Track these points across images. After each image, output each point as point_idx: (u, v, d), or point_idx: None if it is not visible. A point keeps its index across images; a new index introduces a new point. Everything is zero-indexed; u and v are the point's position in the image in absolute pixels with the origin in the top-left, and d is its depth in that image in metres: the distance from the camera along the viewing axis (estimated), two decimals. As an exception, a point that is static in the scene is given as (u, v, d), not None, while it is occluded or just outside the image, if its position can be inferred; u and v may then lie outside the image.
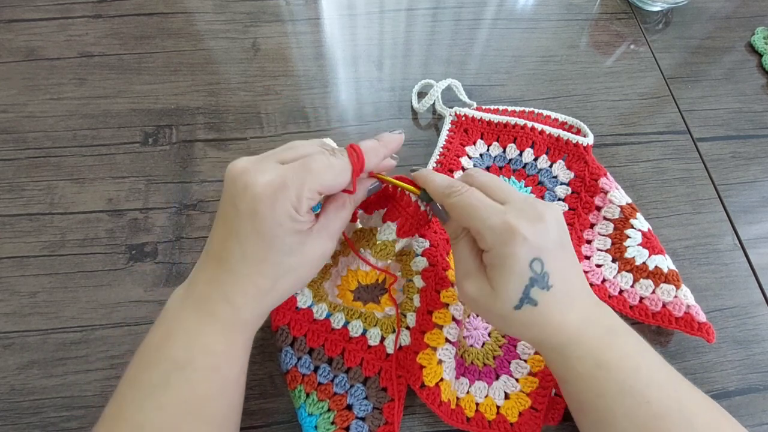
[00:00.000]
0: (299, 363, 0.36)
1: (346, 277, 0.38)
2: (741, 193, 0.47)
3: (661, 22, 0.59)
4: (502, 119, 0.46)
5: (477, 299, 0.29)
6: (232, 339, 0.28)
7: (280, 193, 0.25)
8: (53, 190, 0.44)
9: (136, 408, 0.26)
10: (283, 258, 0.27)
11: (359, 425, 0.34)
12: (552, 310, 0.28)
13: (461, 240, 0.30)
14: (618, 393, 0.28)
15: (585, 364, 0.28)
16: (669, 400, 0.28)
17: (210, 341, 0.27)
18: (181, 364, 0.26)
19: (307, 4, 0.58)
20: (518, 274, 0.27)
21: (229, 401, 0.29)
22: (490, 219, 0.27)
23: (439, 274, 0.37)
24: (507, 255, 0.27)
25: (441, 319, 0.36)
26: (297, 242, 0.27)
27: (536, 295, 0.27)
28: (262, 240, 0.26)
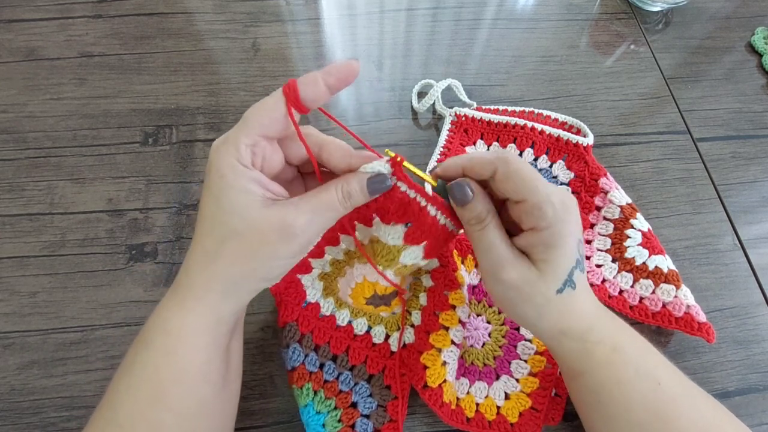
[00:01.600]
0: (306, 360, 0.36)
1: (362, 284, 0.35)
2: (741, 193, 0.47)
3: (661, 22, 0.59)
4: (502, 119, 0.46)
5: (521, 287, 0.27)
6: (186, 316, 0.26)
7: (221, 146, 0.25)
8: (53, 190, 0.44)
9: (113, 389, 0.27)
10: (227, 216, 0.25)
11: (364, 423, 0.35)
12: (582, 294, 0.28)
13: (489, 225, 0.28)
14: (634, 376, 0.28)
15: (603, 349, 0.29)
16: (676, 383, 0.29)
17: (166, 317, 0.27)
18: (145, 343, 0.27)
19: (307, 4, 0.58)
20: (570, 254, 0.27)
21: (193, 393, 0.27)
22: (553, 195, 0.26)
23: (448, 275, 0.37)
24: (564, 233, 0.26)
25: (448, 321, 0.36)
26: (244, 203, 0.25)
27: (576, 277, 0.27)
28: (210, 196, 0.25)
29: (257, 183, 0.25)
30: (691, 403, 0.29)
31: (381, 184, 0.27)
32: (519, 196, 0.27)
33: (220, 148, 0.25)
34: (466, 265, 0.41)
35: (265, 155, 0.26)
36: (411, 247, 0.30)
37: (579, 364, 0.30)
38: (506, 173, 0.27)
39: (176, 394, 0.26)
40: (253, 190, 0.25)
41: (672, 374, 0.30)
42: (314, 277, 0.38)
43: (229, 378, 0.29)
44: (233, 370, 0.30)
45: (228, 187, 0.25)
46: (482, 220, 0.28)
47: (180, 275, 0.27)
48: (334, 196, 0.26)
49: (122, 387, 0.26)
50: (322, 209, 0.26)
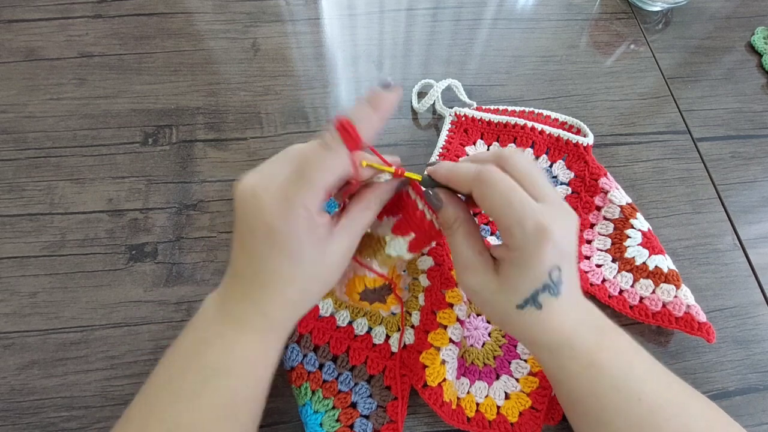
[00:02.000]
0: (305, 360, 0.36)
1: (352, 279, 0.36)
2: (741, 193, 0.47)
3: (661, 22, 0.59)
4: (502, 119, 0.46)
5: (479, 292, 0.28)
6: (268, 346, 0.29)
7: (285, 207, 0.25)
8: (53, 190, 0.44)
9: (171, 410, 0.27)
10: (308, 268, 0.27)
11: (363, 423, 0.35)
12: (553, 314, 0.27)
13: (458, 231, 0.29)
14: (610, 390, 0.28)
15: (577, 363, 0.28)
16: (661, 395, 0.28)
17: (248, 349, 0.28)
18: (220, 370, 0.27)
19: (307, 4, 0.58)
20: (534, 279, 0.26)
21: (261, 402, 0.30)
22: (525, 218, 0.25)
23: (444, 273, 0.37)
24: (531, 258, 0.26)
25: (445, 320, 0.36)
26: (318, 250, 0.26)
27: (543, 300, 0.27)
28: (285, 256, 0.26)
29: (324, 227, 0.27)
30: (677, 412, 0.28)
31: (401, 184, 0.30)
32: (493, 216, 0.27)
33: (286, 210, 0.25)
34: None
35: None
36: (397, 239, 0.31)
37: (552, 372, 0.30)
38: (480, 194, 0.27)
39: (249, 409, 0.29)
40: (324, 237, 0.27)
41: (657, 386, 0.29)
42: None
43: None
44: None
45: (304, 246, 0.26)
46: (449, 226, 0.29)
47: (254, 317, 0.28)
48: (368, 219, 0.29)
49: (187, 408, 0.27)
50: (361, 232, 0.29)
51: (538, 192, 0.27)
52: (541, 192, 0.27)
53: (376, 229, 0.32)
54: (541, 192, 0.27)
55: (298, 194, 0.25)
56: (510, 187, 0.26)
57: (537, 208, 0.26)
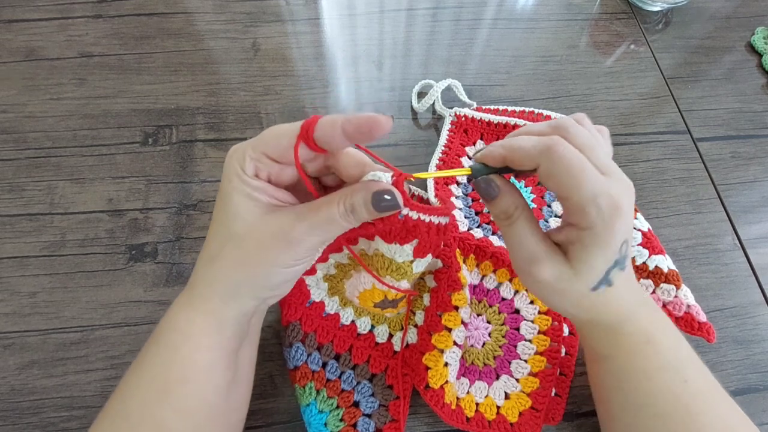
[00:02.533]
0: (309, 359, 0.36)
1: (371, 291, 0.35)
2: (741, 193, 0.47)
3: (661, 22, 0.59)
4: (502, 119, 0.46)
5: (554, 283, 0.27)
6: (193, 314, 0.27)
7: (233, 153, 0.26)
8: (53, 190, 0.44)
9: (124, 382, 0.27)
10: (230, 220, 0.26)
11: (366, 422, 0.35)
12: (621, 290, 0.27)
13: (519, 220, 0.27)
14: (662, 369, 0.28)
15: (636, 340, 0.28)
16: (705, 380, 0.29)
17: (175, 314, 0.28)
18: (155, 339, 0.27)
19: (307, 4, 0.58)
20: (609, 255, 0.25)
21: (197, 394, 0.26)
22: (600, 195, 0.24)
23: (451, 275, 0.37)
24: (606, 235, 0.25)
25: (451, 322, 0.36)
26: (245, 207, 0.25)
27: (614, 275, 0.26)
28: (219, 199, 0.26)
29: (260, 191, 0.26)
30: (714, 401, 0.29)
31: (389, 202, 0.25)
32: (563, 194, 0.25)
33: (232, 155, 0.26)
34: (467, 264, 0.41)
35: (272, 170, 0.26)
36: (421, 260, 0.30)
37: (606, 349, 0.30)
38: (549, 171, 0.25)
39: (181, 394, 0.26)
40: (255, 197, 0.25)
41: (699, 371, 0.30)
42: (319, 278, 0.38)
43: (236, 385, 0.29)
44: (242, 378, 0.30)
45: (233, 191, 0.25)
46: (510, 215, 0.27)
47: (192, 275, 0.28)
48: (335, 209, 0.25)
49: (132, 381, 0.27)
50: (321, 221, 0.25)
51: (602, 164, 0.25)
52: (604, 164, 0.25)
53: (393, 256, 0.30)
54: (604, 164, 0.25)
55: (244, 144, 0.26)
56: (581, 163, 0.25)
57: (606, 183, 0.25)
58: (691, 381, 0.28)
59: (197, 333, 0.27)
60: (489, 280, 0.40)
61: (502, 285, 0.40)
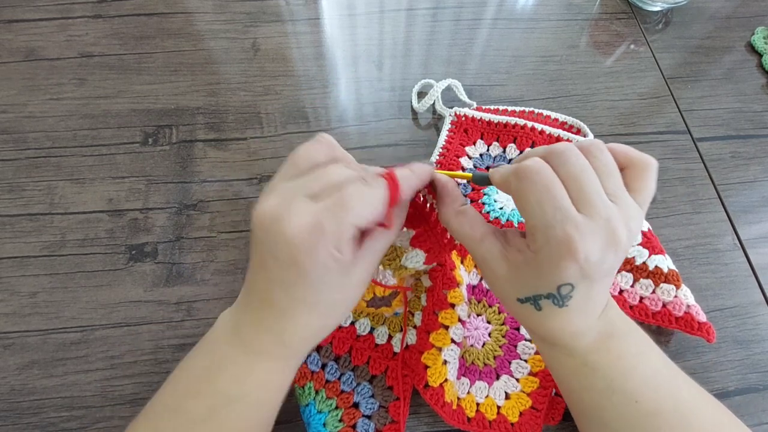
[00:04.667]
0: (308, 360, 0.37)
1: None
2: (741, 193, 0.47)
3: (661, 22, 0.59)
4: (502, 119, 0.46)
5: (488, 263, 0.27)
6: (284, 372, 0.28)
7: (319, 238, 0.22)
8: (53, 190, 0.44)
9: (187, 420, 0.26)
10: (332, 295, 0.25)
11: (365, 423, 0.35)
12: (553, 320, 0.26)
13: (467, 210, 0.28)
14: (605, 389, 0.28)
15: (573, 362, 0.28)
16: (663, 400, 0.28)
17: (263, 376, 0.27)
18: (233, 398, 0.26)
19: (307, 4, 0.58)
20: (540, 285, 0.25)
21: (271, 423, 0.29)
22: (553, 226, 0.23)
23: (446, 274, 0.37)
24: (545, 268, 0.24)
25: (447, 320, 0.36)
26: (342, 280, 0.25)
27: (545, 305, 0.25)
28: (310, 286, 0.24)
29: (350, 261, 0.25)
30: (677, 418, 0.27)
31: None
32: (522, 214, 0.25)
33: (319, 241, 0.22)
34: (465, 264, 0.41)
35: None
36: (415, 251, 0.31)
37: (547, 361, 0.30)
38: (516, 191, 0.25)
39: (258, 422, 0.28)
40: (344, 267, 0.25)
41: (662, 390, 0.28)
42: None
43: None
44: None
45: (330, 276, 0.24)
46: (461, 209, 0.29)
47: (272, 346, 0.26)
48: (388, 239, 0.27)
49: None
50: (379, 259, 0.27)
51: (585, 200, 0.23)
52: (587, 201, 0.23)
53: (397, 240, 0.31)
54: (587, 201, 0.23)
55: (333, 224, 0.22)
56: (546, 187, 0.23)
57: (572, 217, 0.22)
58: (645, 402, 0.27)
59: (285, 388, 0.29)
60: (489, 280, 0.40)
61: (502, 285, 0.40)
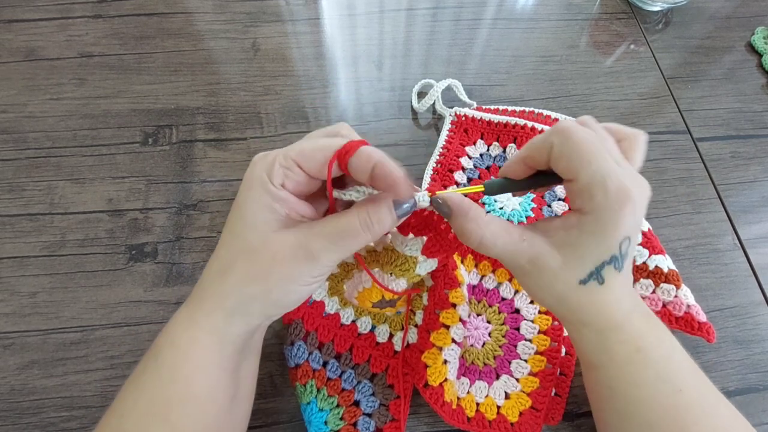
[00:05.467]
0: (311, 357, 0.36)
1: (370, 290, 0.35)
2: (741, 193, 0.47)
3: (661, 22, 0.59)
4: (502, 119, 0.46)
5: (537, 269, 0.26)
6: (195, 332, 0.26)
7: (258, 160, 0.25)
8: (53, 190, 0.44)
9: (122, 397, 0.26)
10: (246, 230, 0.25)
11: (366, 421, 0.35)
12: (612, 292, 0.26)
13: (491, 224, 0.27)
14: (653, 380, 0.27)
15: (626, 349, 0.27)
16: (700, 390, 0.28)
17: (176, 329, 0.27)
18: (155, 355, 0.26)
19: (307, 4, 0.58)
20: (605, 248, 0.24)
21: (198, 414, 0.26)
22: (609, 177, 0.23)
23: (448, 273, 0.37)
24: (609, 223, 0.23)
25: (448, 319, 0.36)
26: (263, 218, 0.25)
27: (607, 274, 0.25)
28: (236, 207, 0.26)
29: (283, 202, 0.25)
30: (710, 411, 0.28)
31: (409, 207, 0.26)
32: (571, 174, 0.24)
33: (257, 162, 0.25)
34: (465, 264, 0.41)
35: (299, 180, 0.25)
36: (428, 260, 0.31)
37: (596, 357, 0.29)
38: (560, 150, 0.24)
39: (181, 414, 0.25)
40: (276, 208, 0.25)
41: (695, 380, 0.29)
42: None
43: (237, 401, 0.28)
44: (243, 393, 0.29)
45: (252, 200, 0.25)
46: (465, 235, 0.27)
47: (195, 287, 0.27)
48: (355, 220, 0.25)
49: (130, 397, 0.26)
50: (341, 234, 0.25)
51: (616, 155, 0.25)
52: (618, 156, 0.25)
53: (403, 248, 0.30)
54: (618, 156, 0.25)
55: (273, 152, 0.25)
56: (593, 142, 0.24)
57: (619, 169, 0.24)
58: (686, 391, 0.27)
59: (199, 352, 0.26)
60: (488, 280, 0.40)
61: (502, 285, 0.40)
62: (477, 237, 0.26)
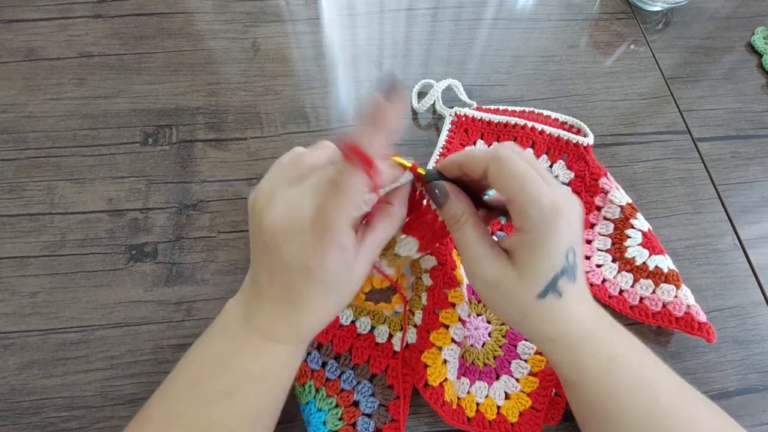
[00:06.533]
0: (309, 358, 0.37)
1: None
2: (741, 193, 0.47)
3: (661, 22, 0.59)
4: (502, 119, 0.46)
5: (497, 286, 0.27)
6: (295, 354, 0.30)
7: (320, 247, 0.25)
8: (53, 190, 0.44)
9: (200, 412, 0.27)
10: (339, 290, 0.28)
11: (365, 422, 0.35)
12: (573, 303, 0.27)
13: (467, 224, 0.28)
14: (629, 388, 0.28)
15: (597, 360, 0.28)
16: (676, 396, 0.28)
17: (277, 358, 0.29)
18: (253, 375, 0.28)
19: (307, 4, 0.58)
20: (552, 260, 0.26)
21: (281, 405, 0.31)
22: (541, 196, 0.25)
23: (447, 273, 0.37)
24: (548, 237, 0.25)
25: (448, 319, 0.36)
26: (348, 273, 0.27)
27: (563, 285, 0.26)
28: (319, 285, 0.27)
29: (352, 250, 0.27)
30: (689, 416, 0.28)
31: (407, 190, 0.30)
32: (508, 195, 0.26)
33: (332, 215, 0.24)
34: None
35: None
36: (408, 238, 0.31)
37: (571, 374, 0.29)
38: (496, 172, 0.26)
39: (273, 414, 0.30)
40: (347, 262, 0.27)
41: (670, 384, 0.29)
42: None
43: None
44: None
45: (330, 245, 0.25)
46: (458, 220, 0.28)
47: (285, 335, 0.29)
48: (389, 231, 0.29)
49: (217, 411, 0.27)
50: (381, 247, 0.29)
51: (545, 177, 0.27)
52: (547, 178, 0.27)
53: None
54: (547, 178, 0.27)
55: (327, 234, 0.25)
56: (525, 168, 0.26)
57: (548, 189, 0.26)
58: (663, 397, 0.28)
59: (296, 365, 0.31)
60: (489, 280, 0.40)
61: (502, 285, 0.40)
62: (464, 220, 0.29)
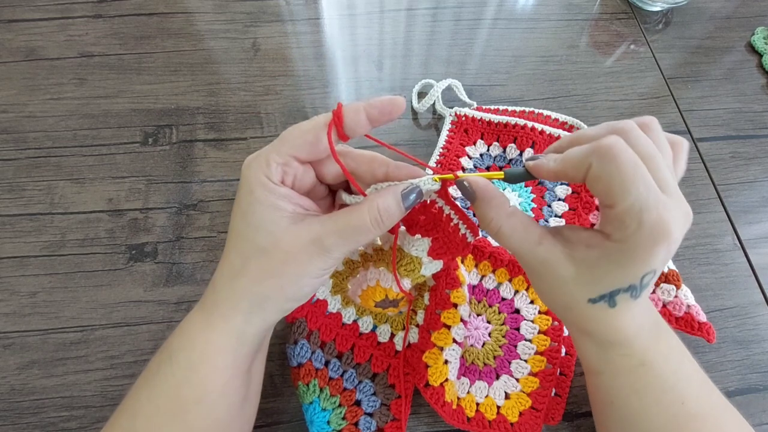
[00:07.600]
0: (312, 357, 0.36)
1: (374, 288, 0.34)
2: (741, 193, 0.47)
3: (661, 22, 0.59)
4: (502, 119, 0.46)
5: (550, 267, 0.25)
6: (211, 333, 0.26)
7: (252, 162, 0.25)
8: (53, 190, 0.44)
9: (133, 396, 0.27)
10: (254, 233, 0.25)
11: (367, 421, 0.35)
12: (624, 315, 0.25)
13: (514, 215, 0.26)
14: (657, 390, 0.27)
15: (628, 361, 0.27)
16: (703, 402, 0.28)
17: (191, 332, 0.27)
18: (169, 356, 0.26)
19: (307, 4, 0.58)
20: (624, 278, 0.23)
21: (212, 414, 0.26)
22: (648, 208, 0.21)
23: (449, 274, 0.37)
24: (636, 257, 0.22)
25: (449, 320, 0.36)
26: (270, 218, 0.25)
27: (621, 300, 0.24)
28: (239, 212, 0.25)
29: (286, 199, 0.25)
30: (713, 422, 0.28)
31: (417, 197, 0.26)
32: (608, 200, 0.22)
33: (251, 164, 0.25)
34: (465, 264, 0.41)
35: (297, 174, 0.26)
36: (434, 261, 0.30)
37: (596, 364, 0.29)
38: (598, 172, 0.22)
39: (195, 414, 0.26)
40: (281, 206, 0.25)
41: (702, 392, 0.28)
42: None
43: (248, 400, 0.29)
44: (253, 391, 0.30)
45: (256, 203, 0.25)
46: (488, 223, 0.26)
47: (207, 290, 0.27)
48: (366, 216, 0.25)
49: (143, 397, 0.26)
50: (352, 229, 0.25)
51: (662, 179, 0.22)
52: (664, 180, 0.22)
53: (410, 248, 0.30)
54: (664, 180, 0.22)
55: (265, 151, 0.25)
56: (636, 169, 0.21)
57: (663, 199, 0.21)
58: (689, 402, 0.27)
59: (215, 352, 0.26)
60: (488, 280, 0.40)
61: (502, 285, 0.40)
62: (496, 226, 0.26)
